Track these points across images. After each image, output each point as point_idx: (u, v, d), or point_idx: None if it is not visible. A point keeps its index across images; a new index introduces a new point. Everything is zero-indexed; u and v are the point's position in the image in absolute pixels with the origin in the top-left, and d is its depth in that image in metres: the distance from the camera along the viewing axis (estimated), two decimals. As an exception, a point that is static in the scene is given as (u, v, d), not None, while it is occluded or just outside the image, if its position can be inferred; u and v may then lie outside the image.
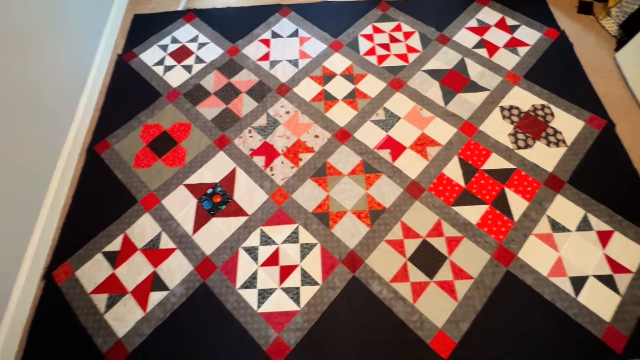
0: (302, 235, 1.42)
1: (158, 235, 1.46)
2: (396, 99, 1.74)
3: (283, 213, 1.48)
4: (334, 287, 1.32)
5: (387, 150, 1.60)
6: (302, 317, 1.28)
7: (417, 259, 1.36)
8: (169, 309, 1.32)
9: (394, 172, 1.54)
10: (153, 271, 1.39)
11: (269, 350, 1.23)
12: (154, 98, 1.82)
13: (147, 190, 1.56)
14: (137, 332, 1.28)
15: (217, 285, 1.35)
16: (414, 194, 1.49)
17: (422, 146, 1.60)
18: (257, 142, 1.66)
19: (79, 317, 1.32)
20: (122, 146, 1.69)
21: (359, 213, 1.46)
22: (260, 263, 1.38)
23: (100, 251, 1.44)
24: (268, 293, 1.32)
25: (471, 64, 1.83)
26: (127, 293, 1.35)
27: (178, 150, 1.66)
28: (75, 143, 1.69)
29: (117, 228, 1.48)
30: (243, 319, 1.29)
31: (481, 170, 1.53)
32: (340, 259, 1.37)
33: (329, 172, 1.56)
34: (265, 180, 1.55)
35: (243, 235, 1.44)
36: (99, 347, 1.27)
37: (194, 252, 1.42)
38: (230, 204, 1.51)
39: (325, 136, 1.65)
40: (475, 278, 1.31)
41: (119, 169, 1.62)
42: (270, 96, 1.79)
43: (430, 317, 1.26)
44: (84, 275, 1.39)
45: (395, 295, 1.30)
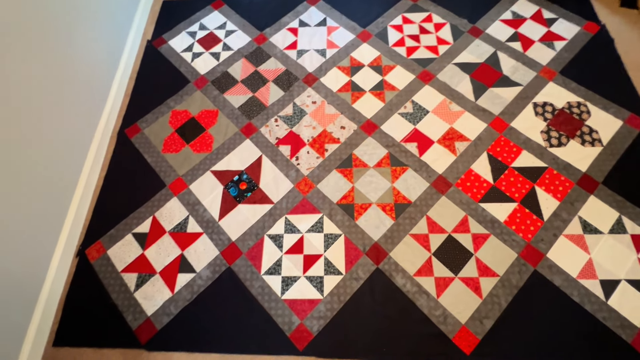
0: (326, 225, 1.43)
1: (185, 219, 1.49)
2: (425, 92, 1.70)
3: (308, 203, 1.48)
4: (357, 278, 1.33)
5: (414, 143, 1.57)
6: (325, 305, 1.29)
7: (442, 254, 1.34)
8: (195, 290, 1.35)
9: (420, 166, 1.52)
10: (180, 254, 1.42)
11: (292, 336, 1.25)
12: (182, 84, 1.84)
13: (175, 175, 1.59)
14: (165, 312, 1.32)
15: (242, 270, 1.37)
16: (441, 188, 1.46)
17: (450, 141, 1.57)
18: (283, 131, 1.66)
19: (110, 294, 1.37)
20: (151, 131, 1.72)
21: (384, 206, 1.45)
22: (284, 251, 1.39)
23: (130, 232, 1.48)
24: (292, 280, 1.34)
25: (504, 57, 1.77)
26: (156, 273, 1.39)
27: (205, 137, 1.68)
28: (107, 126, 1.73)
29: (146, 210, 1.52)
30: (267, 305, 1.31)
31: (511, 168, 1.49)
32: (364, 250, 1.37)
33: (355, 164, 1.55)
34: (290, 170, 1.56)
35: (268, 223, 1.45)
36: (129, 323, 1.31)
37: (220, 237, 1.44)
38: (256, 191, 1.52)
39: (352, 127, 1.64)
40: (501, 276, 1.29)
41: (149, 153, 1.66)
42: (297, 85, 1.78)
43: (453, 312, 1.25)
44: (115, 255, 1.44)
45: (419, 289, 1.29)
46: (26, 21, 1.30)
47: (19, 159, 1.26)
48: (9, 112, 1.22)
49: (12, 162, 1.23)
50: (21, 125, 1.27)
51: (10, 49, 1.23)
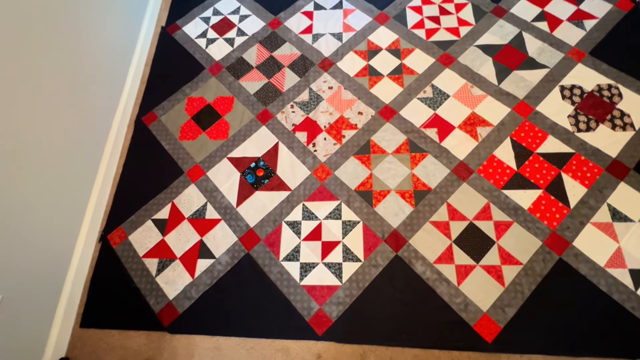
0: (344, 212, 1.41)
1: (204, 205, 1.50)
2: (445, 76, 1.65)
3: (325, 189, 1.47)
4: (376, 265, 1.32)
5: (434, 129, 1.53)
6: (344, 291, 1.29)
7: (463, 241, 1.32)
8: (215, 275, 1.37)
9: (440, 152, 1.48)
10: (200, 239, 1.43)
11: (311, 321, 1.26)
12: (197, 71, 1.82)
13: (192, 162, 1.59)
14: (186, 296, 1.34)
15: (260, 256, 1.38)
16: (462, 175, 1.43)
17: (472, 126, 1.52)
18: (299, 117, 1.63)
19: (133, 278, 1.39)
20: (168, 118, 1.72)
21: (403, 193, 1.42)
22: (302, 237, 1.39)
23: (150, 218, 1.50)
24: (310, 267, 1.34)
25: (530, 38, 1.68)
26: (176, 259, 1.41)
27: (221, 124, 1.67)
28: (125, 114, 1.73)
29: (165, 197, 1.53)
30: (286, 290, 1.31)
31: (536, 154, 1.43)
32: (383, 237, 1.35)
33: (373, 150, 1.52)
34: (307, 156, 1.54)
35: (286, 210, 1.45)
36: (152, 306, 1.34)
37: (238, 223, 1.45)
38: (273, 178, 1.51)
39: (369, 113, 1.60)
40: (525, 264, 1.26)
41: (166, 140, 1.66)
42: (313, 71, 1.74)
43: (475, 300, 1.23)
44: (136, 240, 1.46)
45: (439, 276, 1.27)
46: (42, 10, 1.30)
47: (43, 148, 1.28)
48: (28, 103, 1.23)
49: (36, 152, 1.25)
50: (42, 115, 1.28)
51: (26, 39, 1.23)
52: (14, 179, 1.16)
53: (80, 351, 1.32)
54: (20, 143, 1.18)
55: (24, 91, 1.21)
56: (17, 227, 1.17)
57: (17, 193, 1.17)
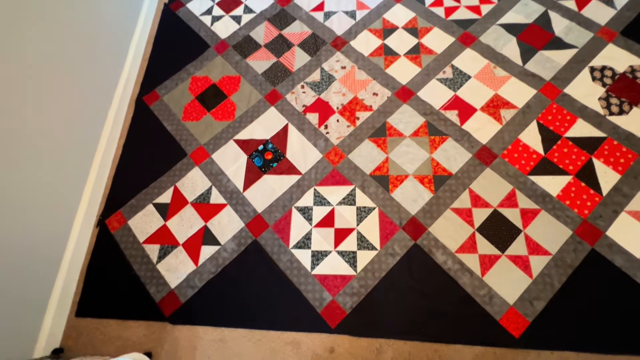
0: (359, 198, 1.32)
1: (208, 189, 1.41)
2: (466, 56, 1.55)
3: (338, 174, 1.37)
4: (394, 254, 1.23)
5: (455, 111, 1.43)
6: (359, 282, 1.20)
7: (486, 230, 1.23)
8: (220, 263, 1.28)
9: (462, 136, 1.38)
10: (204, 225, 1.34)
11: (323, 313, 1.17)
12: (202, 49, 1.72)
13: (196, 144, 1.50)
14: (189, 284, 1.26)
15: (269, 243, 1.29)
16: (485, 160, 1.33)
17: (495, 108, 1.42)
18: (310, 98, 1.54)
19: (132, 265, 1.31)
20: (171, 98, 1.62)
21: (422, 178, 1.33)
22: (314, 224, 1.30)
23: (151, 202, 1.41)
24: (322, 255, 1.25)
25: (556, 17, 1.58)
26: (179, 245, 1.32)
27: (227, 104, 1.57)
28: (125, 93, 1.64)
29: (167, 180, 1.44)
30: (296, 280, 1.22)
31: (564, 138, 1.34)
32: (401, 225, 1.26)
33: (389, 133, 1.42)
34: (319, 139, 1.44)
35: (296, 195, 1.35)
36: (153, 295, 1.26)
37: (245, 208, 1.35)
38: (283, 161, 1.42)
39: (385, 94, 1.50)
40: (554, 254, 1.17)
41: (168, 120, 1.57)
42: (325, 50, 1.64)
43: (500, 292, 1.14)
44: (136, 225, 1.37)
45: (461, 266, 1.18)
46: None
47: (35, 126, 1.18)
48: (24, 80, 1.14)
49: (28, 130, 1.15)
50: (37, 93, 1.19)
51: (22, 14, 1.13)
52: (6, 158, 1.07)
53: (76, 342, 1.23)
54: (13, 121, 1.09)
55: (19, 69, 1.12)
56: (7, 208, 1.08)
57: (8, 173, 1.08)
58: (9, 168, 1.08)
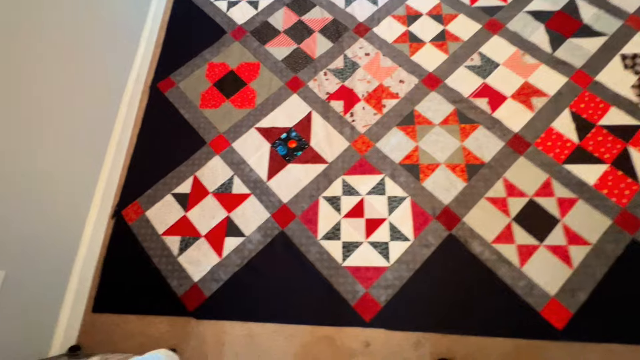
0: (389, 187, 1.27)
1: (230, 179, 1.34)
2: (493, 43, 1.50)
3: (366, 162, 1.32)
4: (428, 245, 1.18)
5: (485, 99, 1.39)
6: (393, 273, 1.15)
7: (523, 219, 1.19)
8: (246, 255, 1.22)
9: (493, 124, 1.34)
10: (227, 216, 1.28)
11: (357, 306, 1.12)
12: (218, 35, 1.65)
13: (216, 132, 1.43)
14: (213, 277, 1.20)
15: (296, 234, 1.23)
16: (518, 148, 1.29)
17: (525, 96, 1.38)
18: (334, 85, 1.48)
19: (152, 258, 1.24)
20: (187, 85, 1.55)
21: (454, 166, 1.28)
22: (343, 214, 1.25)
23: (170, 192, 1.34)
24: (353, 246, 1.20)
25: (583, 5, 1.55)
26: (201, 237, 1.26)
27: (247, 92, 1.51)
28: (138, 80, 1.57)
29: (186, 170, 1.38)
30: (327, 272, 1.17)
31: (598, 126, 1.30)
32: (434, 215, 1.22)
33: (418, 121, 1.37)
34: (345, 127, 1.39)
35: (323, 184, 1.30)
36: (175, 289, 1.19)
37: (270, 198, 1.30)
38: (307, 150, 1.36)
39: (412, 81, 1.46)
40: (594, 244, 1.14)
41: (185, 108, 1.50)
42: (347, 36, 1.59)
43: (540, 283, 1.10)
44: (155, 216, 1.31)
45: (498, 257, 1.14)
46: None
47: (48, 116, 1.11)
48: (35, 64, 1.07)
49: (41, 119, 1.09)
50: (47, 79, 1.12)
51: None
52: (19, 148, 1.00)
53: (93, 338, 1.16)
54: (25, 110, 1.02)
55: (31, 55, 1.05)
56: (21, 198, 1.00)
57: (21, 163, 1.01)
58: (23, 158, 1.01)
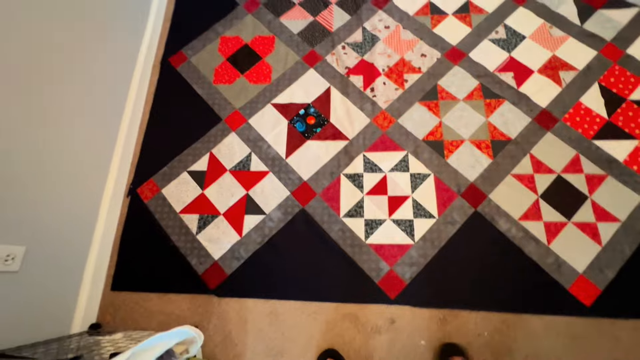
0: (412, 164, 1.24)
1: (247, 156, 1.30)
2: (519, 15, 1.44)
3: (388, 139, 1.28)
4: (453, 222, 1.15)
5: (510, 73, 1.34)
6: (417, 251, 1.13)
7: (551, 196, 1.16)
8: (267, 233, 1.19)
9: (519, 99, 1.29)
10: (246, 194, 1.25)
11: (381, 284, 1.10)
12: (230, 7, 1.58)
13: (231, 108, 1.39)
14: (234, 255, 1.17)
15: (318, 212, 1.20)
16: (545, 124, 1.25)
17: (553, 70, 1.33)
18: (353, 59, 1.42)
19: (170, 236, 1.21)
20: (199, 59, 1.49)
21: (479, 143, 1.24)
22: (366, 191, 1.22)
23: (185, 170, 1.30)
24: (377, 224, 1.17)
25: (614, -26, 1.47)
26: (220, 215, 1.23)
27: (262, 66, 1.45)
28: (149, 54, 1.51)
29: (202, 147, 1.34)
30: (350, 250, 1.15)
31: (629, 101, 1.26)
32: (459, 192, 1.19)
33: (441, 96, 1.33)
34: (365, 102, 1.34)
35: (344, 161, 1.26)
36: (195, 267, 1.17)
37: (289, 176, 1.26)
38: (327, 126, 1.32)
39: (434, 55, 1.40)
40: (623, 221, 1.11)
41: (198, 83, 1.44)
42: (366, 8, 1.52)
43: (568, 260, 1.08)
44: (171, 194, 1.27)
45: (525, 234, 1.12)
46: None
47: (60, 96, 1.06)
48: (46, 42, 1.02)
49: (54, 97, 1.04)
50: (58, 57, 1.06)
51: None
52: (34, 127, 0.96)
53: (113, 317, 1.15)
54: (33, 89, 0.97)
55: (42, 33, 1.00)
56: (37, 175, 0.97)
57: (36, 141, 0.97)
58: (38, 136, 0.97)
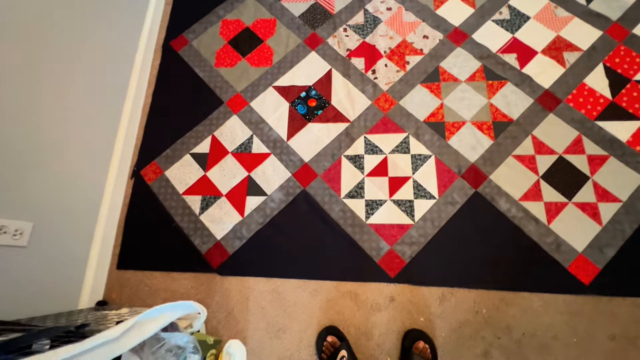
0: (413, 146, 1.24)
1: (249, 139, 1.31)
2: (524, -5, 1.42)
3: (390, 121, 1.28)
4: (453, 202, 1.16)
5: (513, 54, 1.33)
6: (417, 231, 1.14)
7: (551, 177, 1.16)
8: (268, 214, 1.21)
9: (522, 80, 1.29)
10: (247, 175, 1.26)
11: (381, 262, 1.12)
12: (231, -10, 1.57)
13: (233, 91, 1.39)
14: (236, 235, 1.19)
15: (319, 193, 1.22)
16: (548, 105, 1.24)
17: (557, 51, 1.31)
18: (354, 42, 1.42)
19: (173, 217, 1.23)
20: (200, 43, 1.49)
21: (481, 124, 1.24)
22: (366, 173, 1.22)
23: (188, 152, 1.32)
24: (377, 204, 1.18)
25: (622, -47, 1.44)
26: (222, 196, 1.24)
27: (264, 49, 1.45)
28: (150, 38, 1.51)
29: (204, 129, 1.34)
30: (351, 229, 1.16)
31: (634, 81, 1.25)
32: (460, 173, 1.19)
33: (443, 78, 1.32)
34: (367, 85, 1.34)
35: (345, 143, 1.27)
36: (198, 247, 1.19)
37: (291, 158, 1.27)
38: (328, 109, 1.32)
39: (437, 37, 1.39)
40: (625, 201, 1.11)
41: (200, 67, 1.45)
42: (368, -10, 1.50)
43: (568, 239, 1.09)
44: (174, 176, 1.29)
45: (525, 214, 1.12)
46: None
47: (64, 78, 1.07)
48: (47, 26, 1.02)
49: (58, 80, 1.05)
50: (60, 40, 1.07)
51: None
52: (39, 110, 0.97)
53: (119, 294, 1.18)
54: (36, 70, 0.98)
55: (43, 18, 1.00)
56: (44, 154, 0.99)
57: (42, 124, 0.99)
58: (44, 119, 0.99)
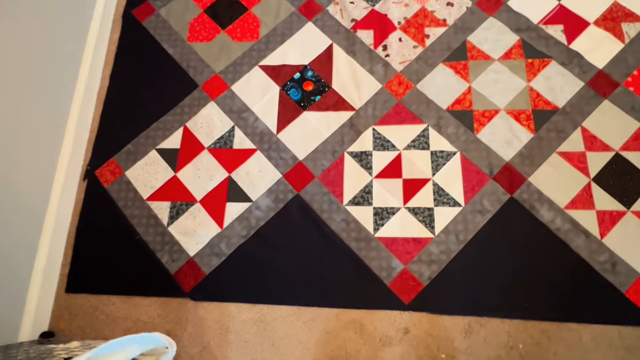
0: (433, 140, 1.21)
1: (230, 131, 1.27)
2: (572, -48, 1.36)
3: (405, 109, 1.24)
4: (483, 211, 1.12)
5: (559, 26, 1.29)
6: (438, 246, 1.10)
7: (606, 179, 1.13)
8: (253, 225, 1.17)
9: (570, 58, 1.25)
10: (227, 176, 1.22)
11: (393, 286, 1.08)
12: (208, -55, 1.50)
13: (210, 72, 1.35)
14: (213, 251, 1.15)
15: (316, 199, 1.17)
16: (602, 90, 1.21)
17: (614, 22, 1.28)
18: (360, 10, 1.37)
19: (136, 228, 1.19)
20: (170, 11, 1.45)
21: (518, 113, 1.21)
22: (375, 174, 1.19)
23: (154, 147, 1.28)
24: (388, 213, 1.14)
25: None
26: (196, 202, 1.20)
27: (248, 19, 1.41)
28: (108, 5, 1.46)
29: (174, 119, 1.31)
30: (355, 244, 1.12)
31: None
32: (491, 174, 1.15)
33: (471, 55, 1.28)
34: (376, 64, 1.30)
35: (349, 136, 1.23)
36: (166, 265, 1.15)
37: (281, 155, 1.23)
38: (328, 93, 1.28)
39: (463, 4, 1.35)
40: (698, 211, 1.06)
41: (169, 41, 1.41)
42: (378, -56, 1.44)
43: (625, 258, 1.06)
44: (137, 177, 1.25)
45: (573, 226, 1.09)
46: None
47: None
48: None
49: None
50: None
51: None
52: None
53: (69, 324, 1.14)
54: None
55: None
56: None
57: None
58: None
